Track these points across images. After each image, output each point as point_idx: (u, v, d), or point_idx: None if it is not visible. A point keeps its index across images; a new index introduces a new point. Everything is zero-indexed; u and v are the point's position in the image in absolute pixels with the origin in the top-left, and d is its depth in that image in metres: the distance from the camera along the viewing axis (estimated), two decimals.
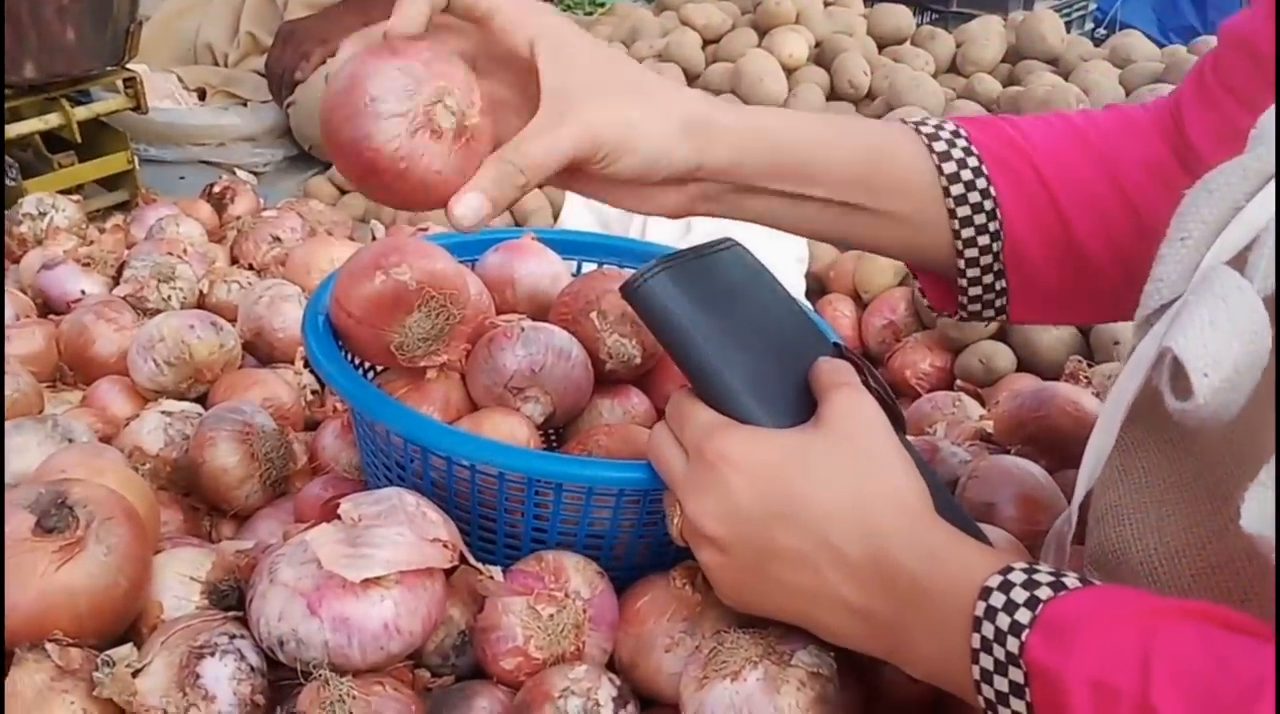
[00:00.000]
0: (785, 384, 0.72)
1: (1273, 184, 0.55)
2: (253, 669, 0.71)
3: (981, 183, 0.81)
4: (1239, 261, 0.54)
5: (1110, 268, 0.83)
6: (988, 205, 0.82)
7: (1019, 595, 0.57)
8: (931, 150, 0.82)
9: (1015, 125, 0.85)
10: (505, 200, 0.71)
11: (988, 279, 0.85)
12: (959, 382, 1.43)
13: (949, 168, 0.81)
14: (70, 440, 0.96)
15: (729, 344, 0.71)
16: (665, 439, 0.72)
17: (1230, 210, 0.56)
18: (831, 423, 0.68)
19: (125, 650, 0.71)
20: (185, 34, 2.61)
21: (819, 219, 0.83)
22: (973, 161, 0.81)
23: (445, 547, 0.73)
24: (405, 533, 0.72)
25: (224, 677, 0.70)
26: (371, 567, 0.70)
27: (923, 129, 0.83)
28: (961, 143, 0.82)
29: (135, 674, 0.70)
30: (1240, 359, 0.51)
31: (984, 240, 0.83)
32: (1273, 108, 0.58)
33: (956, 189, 0.81)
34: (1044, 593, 0.57)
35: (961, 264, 0.84)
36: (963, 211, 0.82)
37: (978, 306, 0.87)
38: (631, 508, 0.79)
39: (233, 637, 0.72)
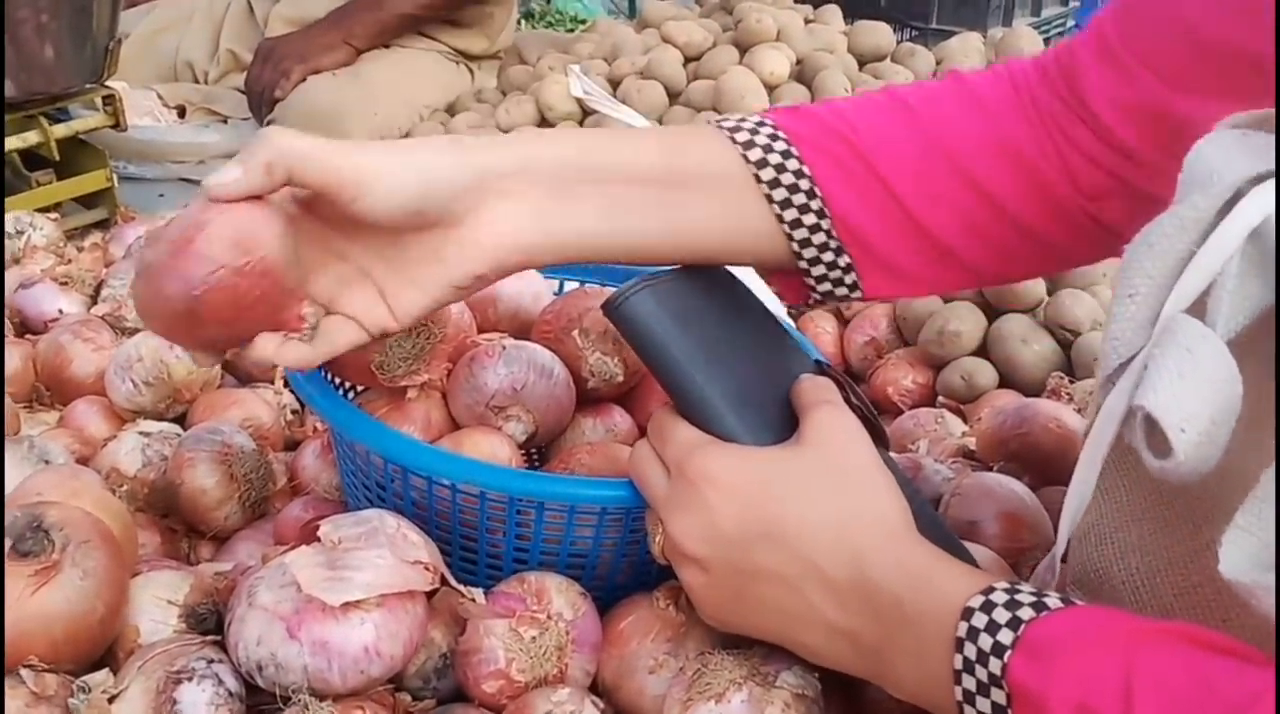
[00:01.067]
0: (767, 401, 0.72)
1: (1221, 233, 0.55)
2: (231, 694, 0.70)
3: (792, 163, 0.76)
4: (1198, 309, 0.54)
5: (966, 242, 0.79)
6: (804, 184, 0.76)
7: (1001, 616, 0.57)
8: (734, 141, 0.77)
9: (831, 108, 0.80)
10: (256, 170, 0.66)
11: (827, 257, 0.79)
12: (941, 398, 1.42)
13: (754, 154, 0.76)
14: (46, 461, 0.95)
15: (711, 361, 0.71)
16: (647, 457, 0.71)
17: (1176, 262, 0.55)
18: (813, 441, 0.68)
19: (101, 676, 0.70)
20: (165, 52, 2.60)
21: (634, 218, 0.75)
22: (779, 145, 0.76)
23: (426, 569, 0.72)
24: (386, 555, 0.71)
25: (201, 702, 0.69)
26: (351, 590, 0.69)
27: (724, 124, 0.78)
28: (766, 130, 0.77)
29: (111, 700, 0.69)
30: (1215, 410, 0.51)
31: (809, 219, 0.77)
32: (1201, 143, 0.58)
33: (766, 174, 0.76)
34: (1026, 613, 0.56)
35: (795, 247, 0.78)
36: (779, 194, 0.76)
37: (827, 286, 0.80)
38: (614, 526, 0.78)
39: (210, 661, 0.71)
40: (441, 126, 2.35)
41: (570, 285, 1.06)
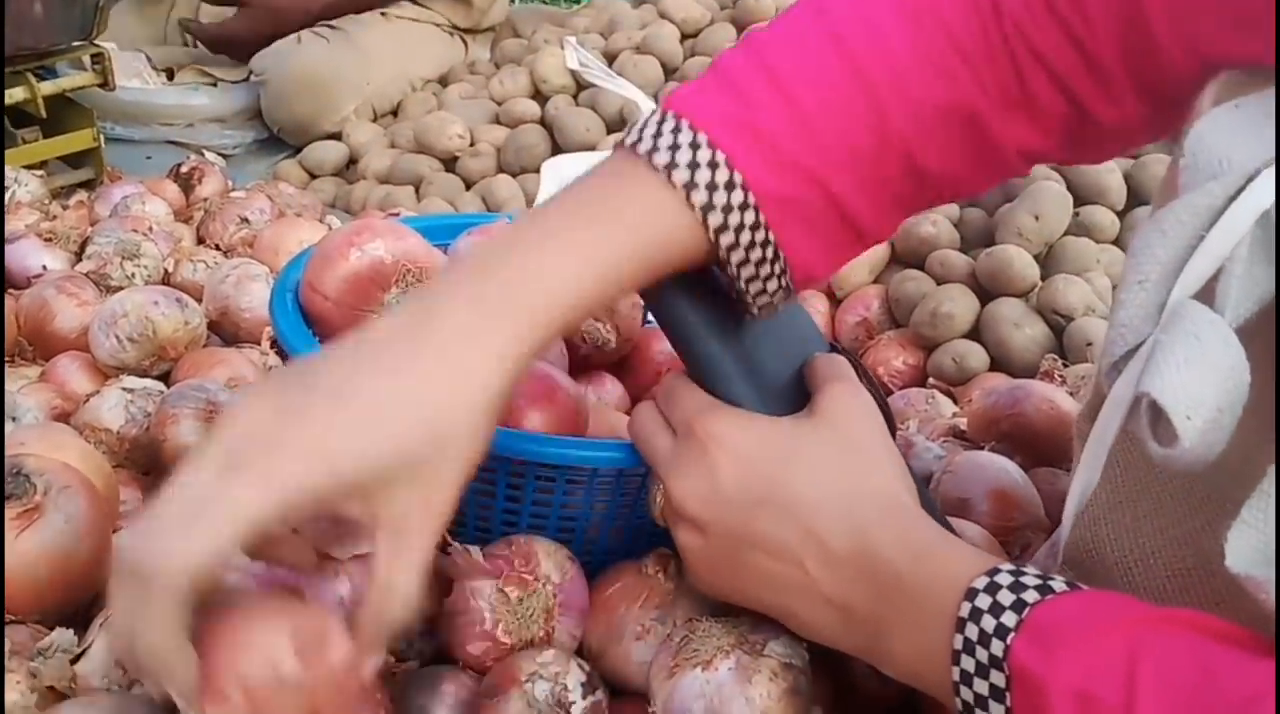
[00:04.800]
0: (781, 374, 0.71)
1: (1229, 217, 0.53)
2: None
3: (760, 236, 0.66)
4: (1206, 295, 0.53)
5: (887, 224, 0.72)
6: (769, 253, 0.67)
7: (1005, 598, 0.56)
8: (689, 203, 0.64)
9: (791, 111, 0.66)
10: None
11: (770, 287, 0.69)
12: (931, 380, 1.42)
13: (726, 239, 0.65)
14: (14, 419, 0.94)
15: (728, 329, 0.70)
16: (651, 417, 0.70)
17: (1186, 248, 0.54)
18: (826, 415, 0.67)
19: (56, 636, 0.68)
20: (156, 13, 2.58)
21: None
22: (749, 218, 0.65)
23: None
24: None
25: None
26: (360, 544, 0.68)
27: (677, 176, 0.63)
28: (737, 197, 0.64)
29: (75, 660, 0.67)
30: (1221, 397, 0.50)
31: (770, 282, 0.68)
32: (1199, 126, 0.56)
33: (726, 239, 0.65)
34: (1031, 596, 0.55)
35: (750, 298, 0.69)
36: (736, 257, 0.66)
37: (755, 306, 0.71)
38: (605, 490, 0.77)
39: None
40: (434, 97, 2.33)
41: None
